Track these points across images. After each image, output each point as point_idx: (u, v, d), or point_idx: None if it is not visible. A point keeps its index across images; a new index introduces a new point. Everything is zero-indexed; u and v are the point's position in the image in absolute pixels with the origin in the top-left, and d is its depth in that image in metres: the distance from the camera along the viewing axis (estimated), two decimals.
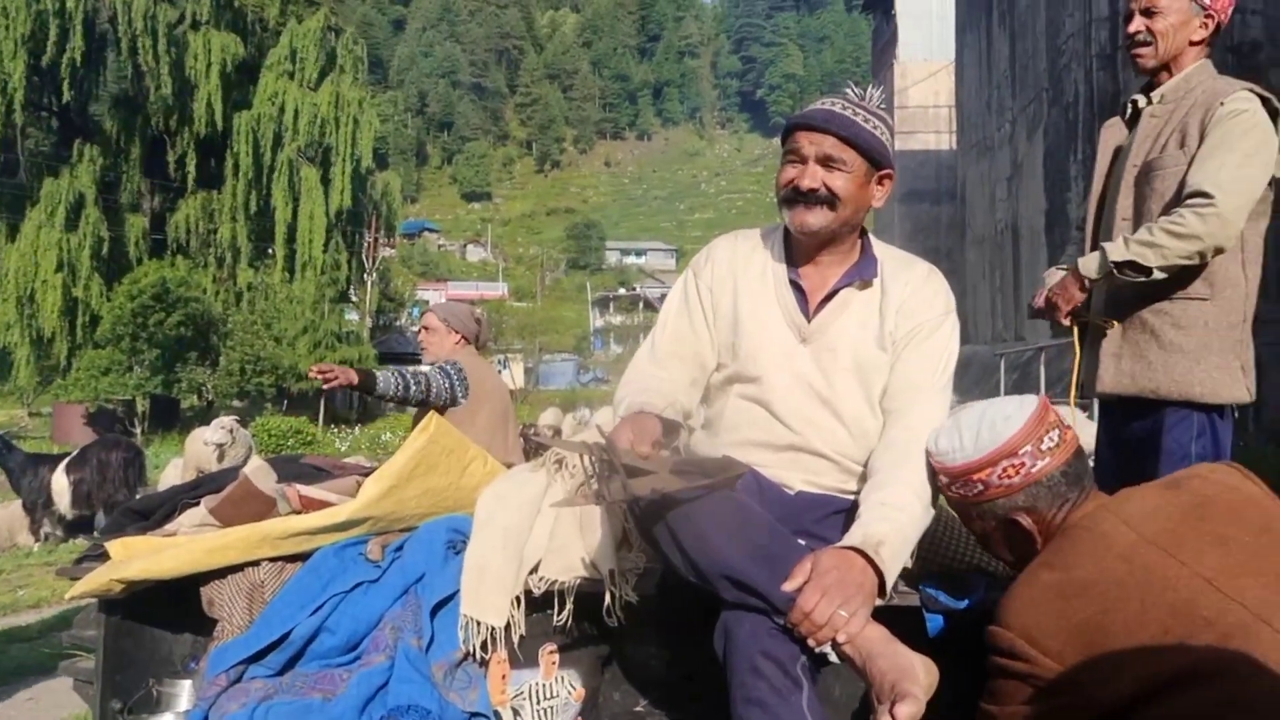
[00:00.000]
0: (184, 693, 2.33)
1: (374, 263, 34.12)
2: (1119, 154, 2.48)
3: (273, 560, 2.34)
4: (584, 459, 1.60)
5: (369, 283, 34.44)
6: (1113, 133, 2.51)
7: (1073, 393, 2.43)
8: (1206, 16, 2.30)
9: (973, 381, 15.00)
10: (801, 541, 1.67)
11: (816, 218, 1.87)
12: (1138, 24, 2.33)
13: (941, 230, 21.26)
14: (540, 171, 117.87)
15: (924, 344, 1.89)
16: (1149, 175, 2.31)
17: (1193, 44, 2.32)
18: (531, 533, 2.22)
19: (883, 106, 1.95)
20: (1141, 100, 2.43)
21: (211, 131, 25.78)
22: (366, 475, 2.50)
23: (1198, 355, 2.26)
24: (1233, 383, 2.27)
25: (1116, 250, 2.24)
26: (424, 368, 3.85)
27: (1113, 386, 2.34)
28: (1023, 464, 1.54)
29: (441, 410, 3.67)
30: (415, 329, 4.37)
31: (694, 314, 2.02)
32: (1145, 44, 2.33)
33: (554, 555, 2.18)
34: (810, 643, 1.48)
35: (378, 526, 2.39)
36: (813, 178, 1.84)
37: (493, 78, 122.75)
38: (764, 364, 1.92)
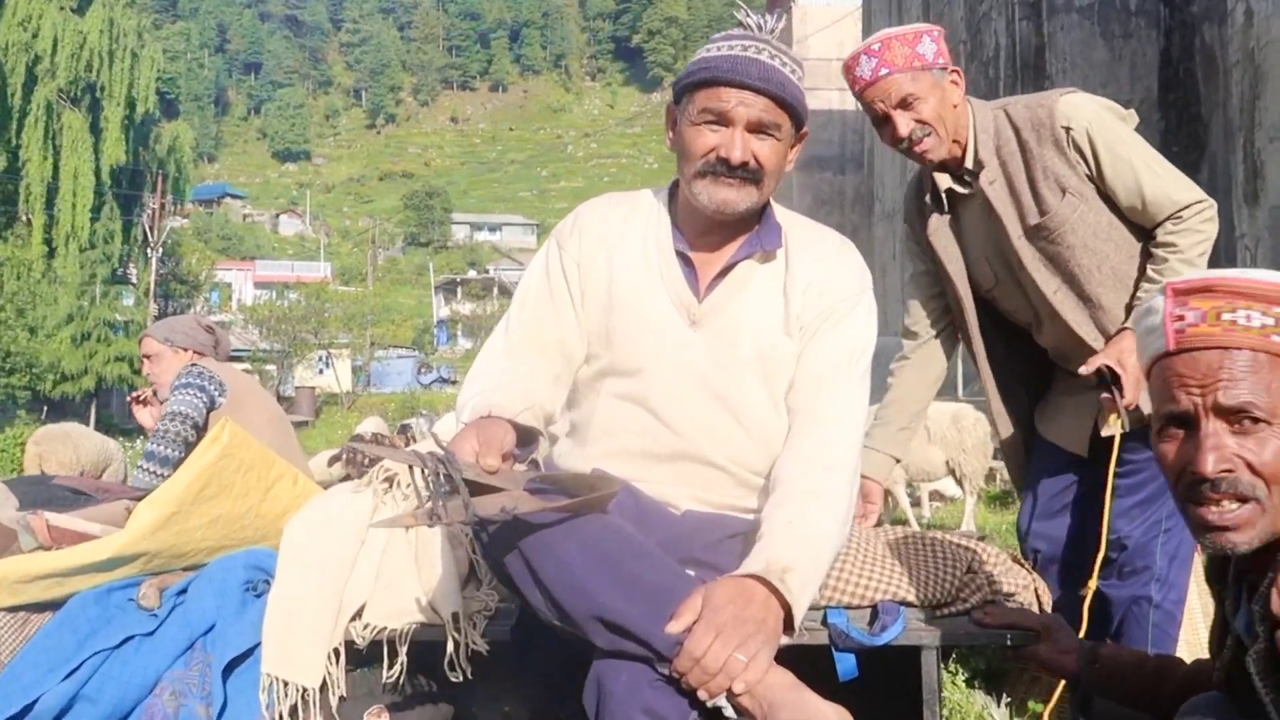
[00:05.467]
0: None
1: (159, 235, 32.80)
2: (961, 242, 2.61)
3: (12, 610, 2.23)
4: (415, 473, 1.51)
5: (152, 260, 33.06)
6: (941, 231, 2.63)
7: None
8: (952, 74, 2.42)
9: (880, 379, 15.42)
10: (690, 572, 1.64)
11: (743, 197, 1.84)
12: (905, 125, 2.41)
13: (846, 204, 21.85)
14: (371, 127, 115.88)
15: (837, 329, 1.89)
16: (1050, 237, 2.43)
17: (956, 106, 2.44)
18: (354, 569, 2.15)
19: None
20: (957, 186, 2.54)
21: None
22: (139, 500, 2.38)
23: None
24: None
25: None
26: (170, 418, 3.43)
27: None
28: None
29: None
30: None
31: (558, 294, 1.96)
32: (925, 137, 2.44)
33: (382, 597, 2.12)
34: (701, 694, 1.45)
35: (154, 565, 2.29)
36: (744, 149, 1.81)
37: (311, 10, 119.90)
38: (645, 354, 1.88)
